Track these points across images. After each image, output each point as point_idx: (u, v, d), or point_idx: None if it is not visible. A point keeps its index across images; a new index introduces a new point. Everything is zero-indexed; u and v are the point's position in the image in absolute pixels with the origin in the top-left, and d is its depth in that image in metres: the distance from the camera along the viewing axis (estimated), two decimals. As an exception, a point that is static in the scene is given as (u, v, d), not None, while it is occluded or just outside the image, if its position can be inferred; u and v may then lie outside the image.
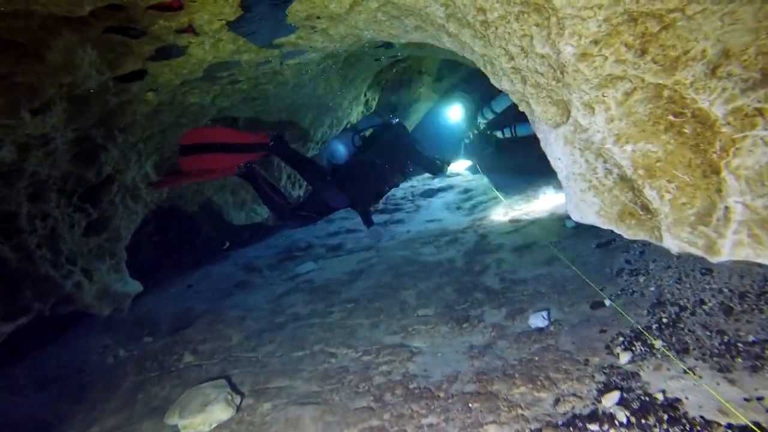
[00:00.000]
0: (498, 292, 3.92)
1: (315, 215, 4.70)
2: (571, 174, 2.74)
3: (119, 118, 3.57)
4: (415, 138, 5.12)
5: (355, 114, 7.23)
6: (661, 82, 2.15)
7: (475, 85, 10.12)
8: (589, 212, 2.76)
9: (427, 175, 9.64)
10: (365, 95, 7.58)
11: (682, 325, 2.45)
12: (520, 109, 3.08)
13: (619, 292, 3.22)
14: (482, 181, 8.68)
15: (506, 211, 6.48)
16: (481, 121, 8.67)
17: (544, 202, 6.50)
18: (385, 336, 3.61)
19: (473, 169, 9.45)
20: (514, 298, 3.70)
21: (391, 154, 4.70)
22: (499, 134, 8.32)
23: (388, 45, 5.14)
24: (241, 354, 3.64)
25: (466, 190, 8.48)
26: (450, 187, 8.97)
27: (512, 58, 2.69)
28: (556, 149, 2.75)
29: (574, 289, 3.52)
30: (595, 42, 2.18)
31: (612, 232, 2.40)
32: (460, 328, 3.46)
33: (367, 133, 4.93)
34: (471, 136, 9.52)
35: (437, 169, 5.01)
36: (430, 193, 8.85)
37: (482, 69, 3.04)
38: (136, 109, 3.60)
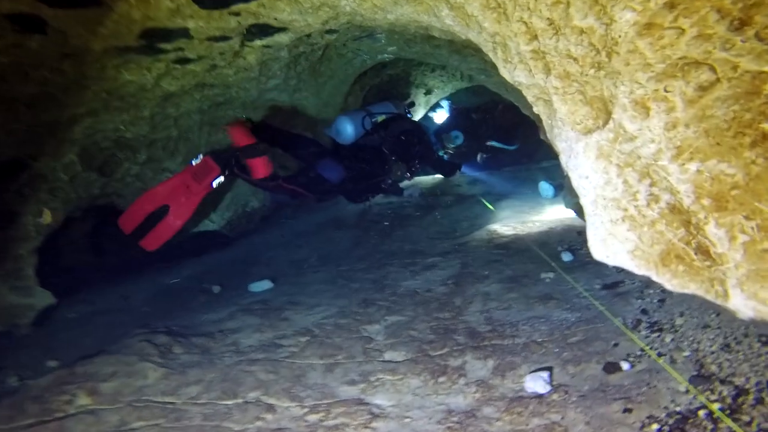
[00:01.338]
0: (484, 336, 3.19)
1: (305, 189, 4.29)
2: (601, 198, 2.04)
3: (20, 87, 2.77)
4: (431, 138, 4.82)
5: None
6: (765, 70, 1.46)
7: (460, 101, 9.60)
8: (619, 251, 2.05)
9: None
10: (345, 101, 6.87)
11: (746, 417, 1.75)
12: (535, 110, 2.38)
13: (639, 353, 2.52)
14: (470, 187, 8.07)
15: (492, 231, 5.81)
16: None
17: (538, 217, 5.88)
18: (341, 385, 2.84)
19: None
20: (504, 347, 2.98)
21: (401, 147, 4.40)
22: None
23: (371, 35, 4.44)
24: (154, 398, 2.82)
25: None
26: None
27: (535, 37, 1.99)
28: (583, 164, 2.04)
29: (579, 342, 2.82)
30: (671, 5, 1.48)
31: (619, 270, 1.66)
32: (436, 383, 2.72)
33: (380, 118, 4.54)
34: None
35: (452, 171, 4.74)
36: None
37: (491, 56, 2.33)
38: (44, 77, 2.80)
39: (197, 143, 4.94)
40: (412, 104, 8.17)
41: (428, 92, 8.65)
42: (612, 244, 1.99)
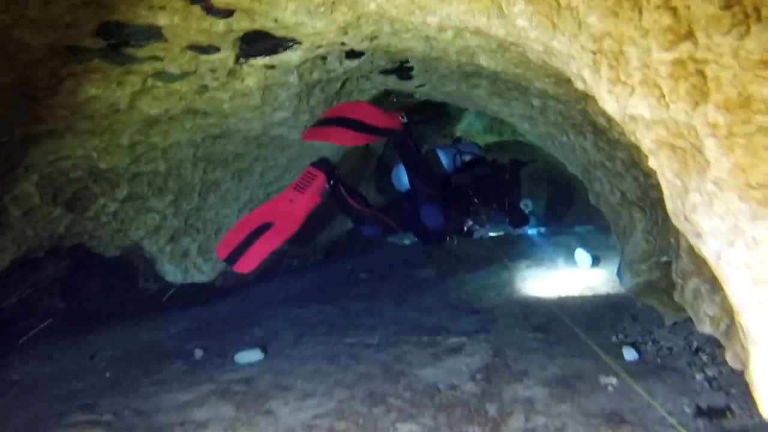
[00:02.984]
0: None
1: (398, 226, 3.95)
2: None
3: None
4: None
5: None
6: None
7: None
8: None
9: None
10: (367, 145, 6.12)
11: None
12: (653, 163, 1.51)
13: None
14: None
15: (525, 305, 4.82)
16: None
17: (577, 291, 5.02)
18: None
19: None
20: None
21: (485, 190, 4.11)
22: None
23: (401, 71, 3.69)
24: None
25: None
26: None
27: (686, 37, 1.09)
28: (763, 261, 1.10)
29: None
30: None
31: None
32: None
33: (467, 158, 4.24)
34: None
35: (522, 222, 4.29)
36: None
37: (586, 78, 1.49)
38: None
39: (191, 181, 4.16)
40: (489, 148, 7.67)
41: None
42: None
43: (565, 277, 5.92)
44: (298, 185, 3.37)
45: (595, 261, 6.30)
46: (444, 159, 4.18)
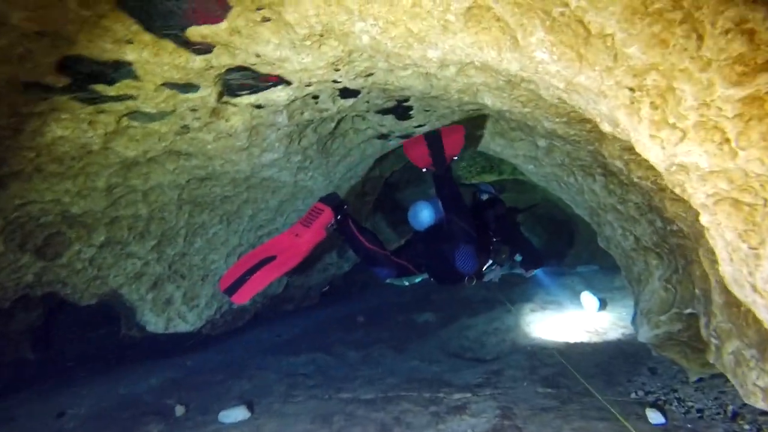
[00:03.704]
0: None
1: (412, 266, 3.75)
2: None
3: None
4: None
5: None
6: None
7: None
8: None
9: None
10: (363, 187, 5.88)
11: None
12: (705, 220, 1.24)
13: None
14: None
15: (531, 354, 4.47)
16: None
17: (586, 337, 4.77)
18: None
19: None
20: None
21: (504, 230, 3.96)
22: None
23: (400, 110, 3.47)
24: None
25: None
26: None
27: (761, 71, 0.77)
28: None
29: None
30: None
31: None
32: None
33: (484, 197, 4.12)
34: None
35: (537, 263, 4.04)
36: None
37: (620, 120, 1.22)
38: None
39: (175, 225, 3.87)
40: (503, 189, 7.63)
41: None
42: None
43: (572, 321, 5.58)
44: (304, 220, 3.29)
45: (602, 304, 5.98)
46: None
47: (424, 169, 3.64)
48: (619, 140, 2.23)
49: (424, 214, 3.62)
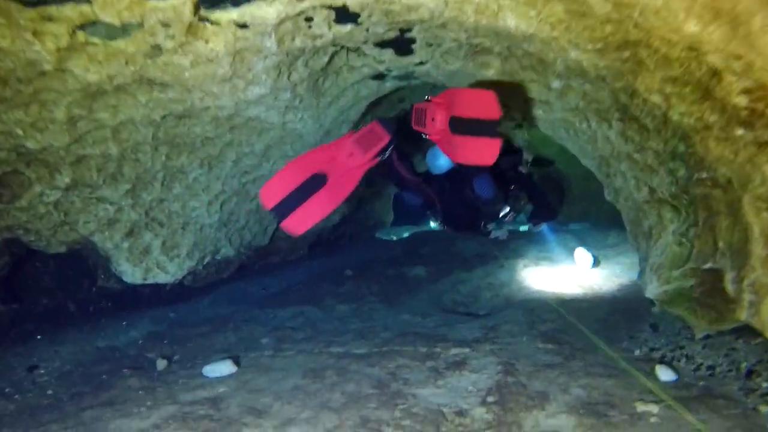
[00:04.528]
0: None
1: (438, 199, 3.75)
2: None
3: None
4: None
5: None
6: None
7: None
8: None
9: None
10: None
11: None
12: None
13: None
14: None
15: (528, 310, 4.31)
16: None
17: (581, 291, 4.68)
18: None
19: None
20: None
21: (522, 177, 3.92)
22: None
23: (401, 43, 3.09)
24: None
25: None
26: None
27: None
28: None
29: None
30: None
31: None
32: None
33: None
34: None
35: (553, 214, 4.12)
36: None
37: None
38: None
39: (151, 168, 3.50)
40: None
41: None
42: None
43: (566, 277, 5.42)
44: (360, 141, 3.00)
45: (596, 261, 5.83)
46: None
47: None
48: (662, 69, 1.93)
49: (444, 158, 3.56)
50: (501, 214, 3.75)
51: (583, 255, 5.80)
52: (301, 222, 2.88)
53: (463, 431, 2.49)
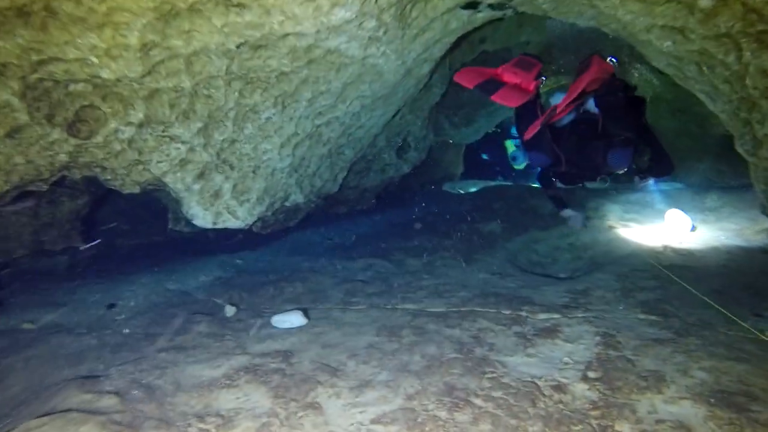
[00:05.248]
0: None
1: (565, 158, 3.67)
2: None
3: None
4: None
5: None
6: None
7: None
8: None
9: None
10: (431, 76, 5.03)
11: None
12: None
13: None
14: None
15: (620, 273, 3.87)
16: None
17: (663, 243, 4.52)
18: None
19: None
20: None
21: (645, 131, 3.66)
22: None
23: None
24: None
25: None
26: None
27: None
28: None
29: None
30: None
31: None
32: None
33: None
34: None
35: (671, 167, 3.62)
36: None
37: None
38: None
39: (224, 105, 3.26)
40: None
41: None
42: None
43: (659, 241, 4.86)
44: (518, 64, 3.38)
45: (693, 226, 5.20)
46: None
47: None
48: None
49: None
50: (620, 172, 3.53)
51: (679, 217, 5.18)
52: (507, 97, 3.26)
53: (563, 410, 2.18)
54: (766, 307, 3.12)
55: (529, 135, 3.40)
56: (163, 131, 3.18)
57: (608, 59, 3.36)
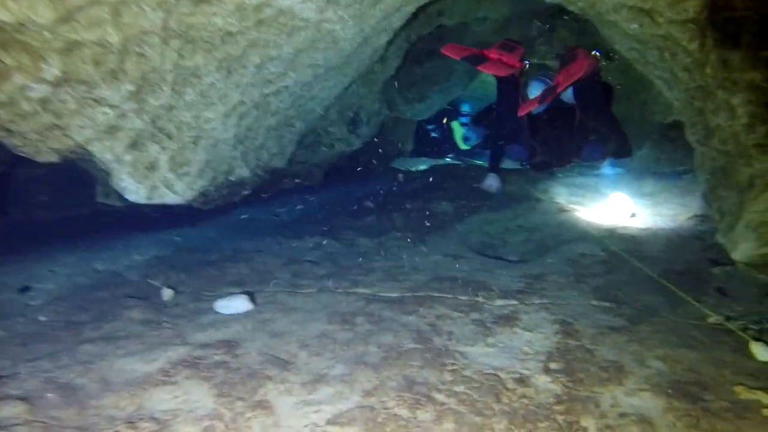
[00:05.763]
0: None
1: (540, 150, 3.97)
2: None
3: None
4: None
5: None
6: None
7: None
8: None
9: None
10: (387, 48, 4.76)
11: None
12: None
13: None
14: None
15: (570, 258, 3.87)
16: None
17: (608, 227, 4.50)
18: None
19: None
20: None
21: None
22: None
23: None
24: None
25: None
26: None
27: None
28: None
29: None
30: None
31: None
32: None
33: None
34: None
35: (630, 151, 3.78)
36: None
37: None
38: None
39: (160, 66, 2.85)
40: None
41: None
42: None
43: (604, 225, 4.93)
44: (501, 47, 3.45)
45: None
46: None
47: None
48: None
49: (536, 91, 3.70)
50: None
51: (622, 201, 5.30)
52: (495, 68, 3.31)
53: (528, 405, 2.09)
54: (704, 293, 3.19)
55: (523, 111, 3.49)
56: (86, 92, 2.74)
57: (593, 52, 3.39)
